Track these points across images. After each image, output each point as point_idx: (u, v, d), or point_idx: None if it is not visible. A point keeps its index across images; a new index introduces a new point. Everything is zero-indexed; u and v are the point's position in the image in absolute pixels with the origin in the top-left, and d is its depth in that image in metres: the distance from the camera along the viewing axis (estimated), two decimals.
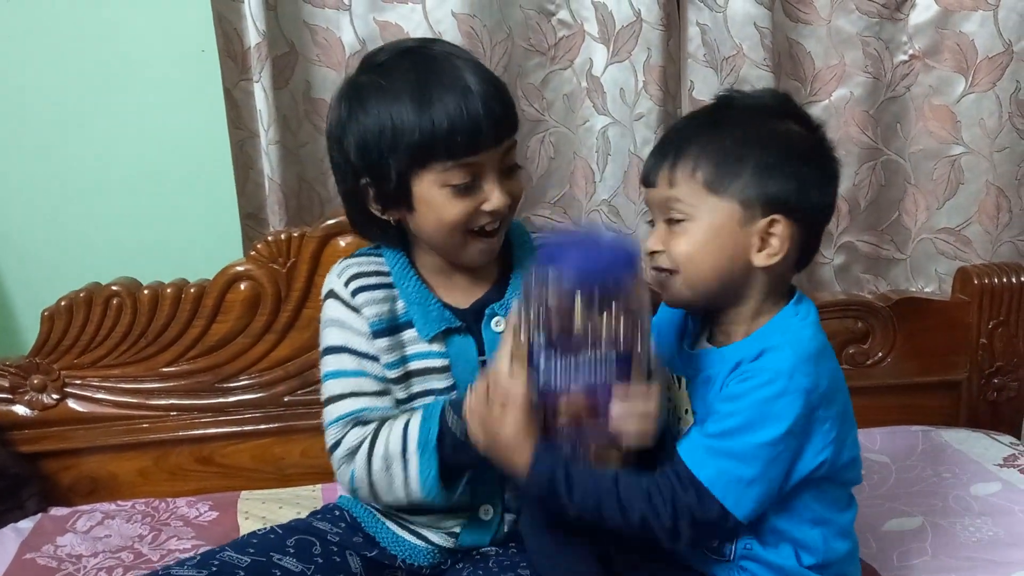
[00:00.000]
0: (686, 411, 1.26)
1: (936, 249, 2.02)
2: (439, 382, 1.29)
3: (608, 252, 1.10)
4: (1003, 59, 1.89)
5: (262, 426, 1.76)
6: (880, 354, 1.88)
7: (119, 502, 1.72)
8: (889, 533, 1.52)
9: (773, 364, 1.14)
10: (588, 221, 1.22)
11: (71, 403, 1.73)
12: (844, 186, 1.95)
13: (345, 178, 1.27)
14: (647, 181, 1.21)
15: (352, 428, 1.26)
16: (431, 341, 1.28)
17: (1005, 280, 1.85)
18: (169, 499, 1.73)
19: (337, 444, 1.26)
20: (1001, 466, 1.69)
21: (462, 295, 1.31)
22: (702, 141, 1.16)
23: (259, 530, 1.34)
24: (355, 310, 1.28)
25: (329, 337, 1.30)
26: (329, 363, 1.29)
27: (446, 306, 1.29)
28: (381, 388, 1.28)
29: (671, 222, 1.17)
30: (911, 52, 1.91)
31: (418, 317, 1.28)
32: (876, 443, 1.80)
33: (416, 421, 1.23)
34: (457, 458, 1.21)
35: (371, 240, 1.34)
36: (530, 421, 1.12)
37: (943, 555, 1.45)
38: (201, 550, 1.51)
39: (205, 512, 1.68)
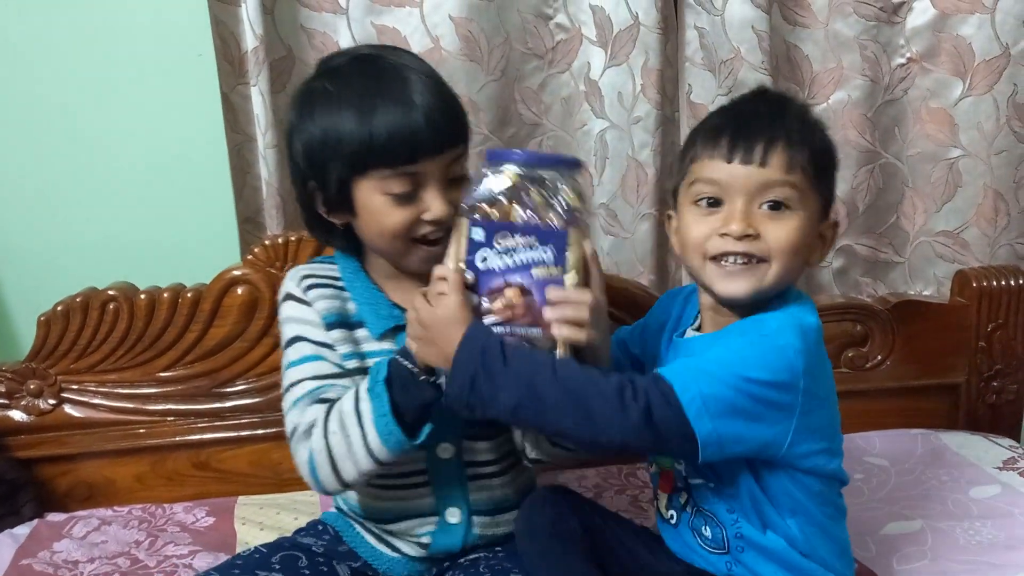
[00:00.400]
0: None
1: (934, 252, 2.01)
2: None
3: (551, 155, 1.14)
4: (1000, 62, 1.89)
5: (259, 431, 1.75)
6: (879, 357, 1.88)
7: (116, 508, 1.71)
8: (888, 537, 1.52)
9: (769, 320, 1.15)
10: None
11: (68, 408, 1.72)
12: (842, 189, 1.95)
13: (295, 180, 1.30)
14: (748, 157, 1.15)
15: (309, 407, 1.25)
16: (381, 339, 1.29)
17: (1004, 283, 1.85)
18: (166, 505, 1.72)
19: (295, 428, 1.25)
20: (1000, 469, 1.69)
21: (413, 293, 1.31)
22: (810, 134, 1.17)
23: (243, 552, 1.35)
24: (308, 304, 1.30)
25: (287, 332, 1.32)
26: (288, 355, 1.31)
27: (395, 305, 1.31)
28: (339, 371, 1.28)
29: (772, 207, 1.15)
30: (908, 55, 1.91)
31: (368, 316, 1.30)
32: (875, 446, 1.79)
33: (365, 379, 1.22)
34: (409, 396, 1.17)
35: (323, 242, 1.37)
36: (464, 304, 1.11)
37: (943, 559, 1.44)
38: (197, 555, 1.52)
39: (202, 518, 1.67)
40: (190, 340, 1.71)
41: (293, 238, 1.69)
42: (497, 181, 1.12)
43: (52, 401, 1.72)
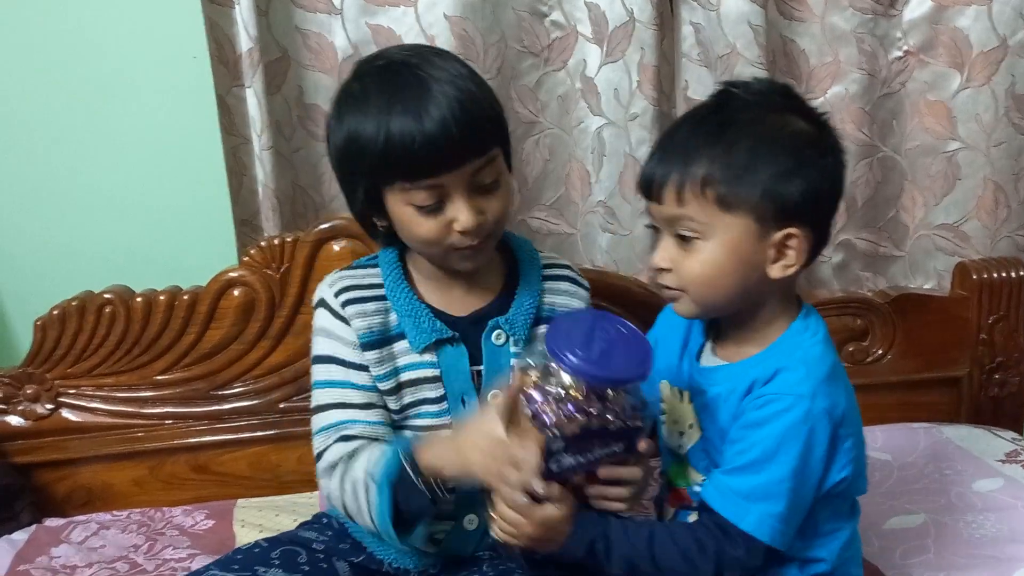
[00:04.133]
0: (690, 425, 1.24)
1: (935, 245, 2.00)
2: (430, 391, 1.28)
3: (621, 353, 1.09)
4: (998, 53, 1.88)
5: (258, 433, 1.75)
6: (880, 351, 1.87)
7: (114, 512, 1.71)
8: (891, 531, 1.51)
9: (792, 387, 1.11)
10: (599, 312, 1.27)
11: (65, 413, 1.72)
12: None
13: (337, 178, 1.29)
14: (650, 195, 1.15)
15: (335, 442, 1.25)
16: (422, 352, 1.27)
17: (1004, 275, 1.84)
18: (165, 508, 1.71)
19: (320, 455, 1.26)
20: (1003, 462, 1.68)
21: (460, 303, 1.31)
22: (709, 154, 1.10)
23: (244, 546, 1.34)
24: (344, 320, 1.27)
25: (318, 346, 1.30)
26: (318, 372, 1.30)
27: (438, 315, 1.28)
28: (367, 400, 1.27)
29: (681, 239, 1.13)
30: (905, 48, 1.90)
31: (409, 328, 1.27)
32: (877, 441, 1.78)
33: (383, 456, 1.19)
34: (409, 503, 1.18)
35: (373, 238, 1.33)
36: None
37: (946, 552, 1.43)
38: (196, 559, 1.51)
39: (201, 521, 1.67)
40: (187, 343, 1.71)
41: (289, 239, 1.69)
42: (571, 391, 1.08)
43: (49, 406, 1.71)
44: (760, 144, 1.11)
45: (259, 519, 1.64)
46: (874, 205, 1.99)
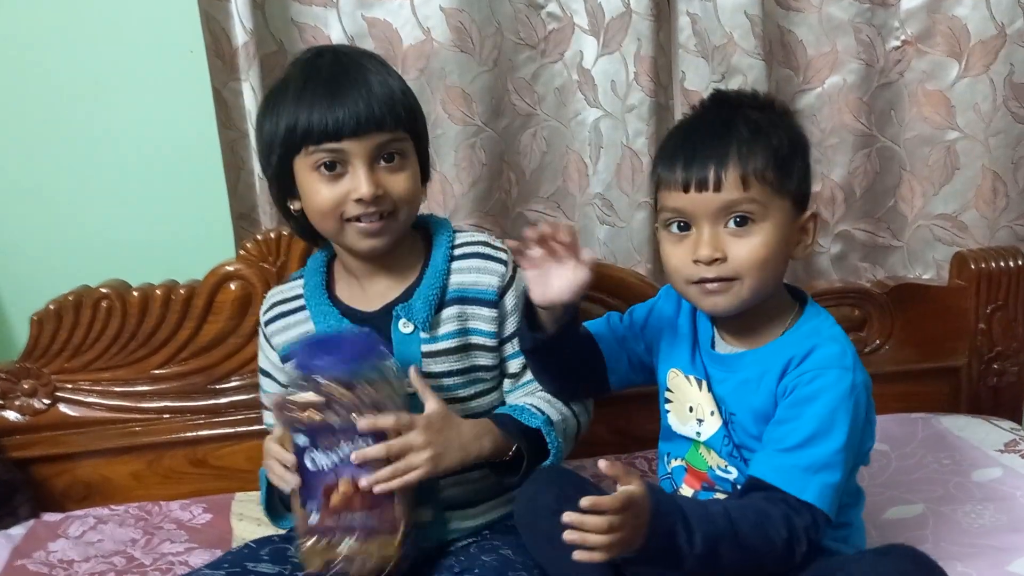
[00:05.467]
0: (711, 413, 1.27)
1: (933, 236, 2.00)
2: None
3: (349, 347, 1.18)
4: (996, 42, 1.87)
5: (256, 426, 1.72)
6: (878, 341, 1.87)
7: (112, 507, 1.71)
8: (890, 521, 1.51)
9: (835, 360, 1.18)
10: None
11: (62, 407, 1.72)
12: (839, 174, 1.94)
13: (266, 177, 1.39)
14: (703, 185, 1.17)
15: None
16: None
17: (1003, 264, 1.83)
18: (163, 502, 1.71)
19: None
20: (1002, 452, 1.67)
21: (375, 297, 1.37)
22: (760, 141, 1.18)
23: (233, 548, 1.38)
24: (267, 339, 1.43)
25: (259, 358, 1.47)
26: (260, 378, 1.47)
27: (347, 315, 1.36)
28: None
29: (734, 225, 1.17)
30: (903, 38, 1.90)
31: (321, 331, 1.36)
32: (876, 431, 1.77)
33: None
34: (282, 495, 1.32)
35: (290, 225, 1.44)
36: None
37: (945, 542, 1.43)
38: (194, 553, 1.51)
39: (199, 515, 1.67)
40: (184, 337, 1.71)
41: (286, 233, 1.68)
42: (309, 389, 1.18)
43: (46, 401, 1.71)
44: (792, 136, 1.22)
45: (257, 512, 1.62)
46: (872, 195, 1.98)
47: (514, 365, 1.39)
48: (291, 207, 1.36)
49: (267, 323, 1.42)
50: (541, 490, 1.24)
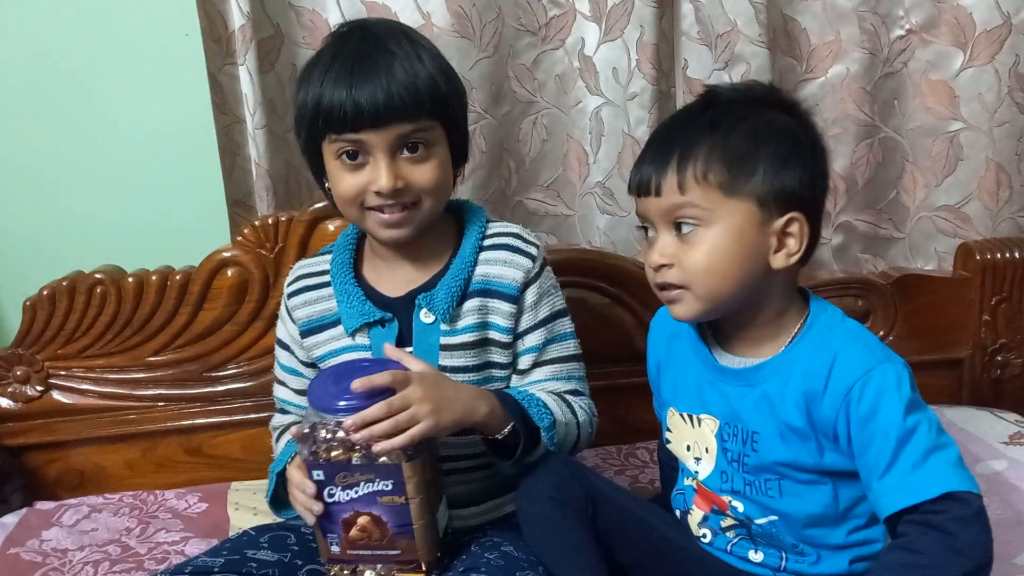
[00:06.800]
0: (706, 450, 1.22)
1: (935, 227, 1.98)
2: None
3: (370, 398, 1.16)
4: (1002, 32, 1.86)
5: (252, 415, 1.73)
6: (881, 333, 1.85)
7: (106, 495, 1.69)
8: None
9: (866, 360, 1.10)
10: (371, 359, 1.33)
11: (56, 395, 1.70)
12: (841, 164, 1.92)
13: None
14: (646, 190, 1.14)
15: (278, 411, 1.47)
16: (354, 335, 1.33)
17: (1008, 255, 1.83)
18: (158, 491, 1.70)
19: (272, 422, 1.48)
20: (1007, 444, 1.66)
21: (402, 282, 1.34)
22: (708, 140, 1.11)
23: (232, 535, 1.36)
24: (288, 311, 1.40)
25: (278, 330, 1.46)
26: (277, 352, 1.46)
27: (370, 297, 1.34)
28: (302, 387, 1.40)
29: (681, 230, 1.12)
30: (908, 27, 1.88)
31: (343, 312, 1.34)
32: None
33: (285, 448, 1.38)
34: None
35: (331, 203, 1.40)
36: None
37: None
38: (189, 542, 1.50)
39: (194, 504, 1.65)
40: (179, 324, 1.69)
41: (284, 219, 1.67)
42: (331, 430, 1.17)
43: (40, 387, 1.69)
44: (757, 131, 1.12)
45: (253, 502, 1.62)
46: (874, 186, 1.97)
47: (524, 361, 1.36)
48: (325, 184, 1.34)
49: (290, 296, 1.40)
50: (540, 476, 1.22)
